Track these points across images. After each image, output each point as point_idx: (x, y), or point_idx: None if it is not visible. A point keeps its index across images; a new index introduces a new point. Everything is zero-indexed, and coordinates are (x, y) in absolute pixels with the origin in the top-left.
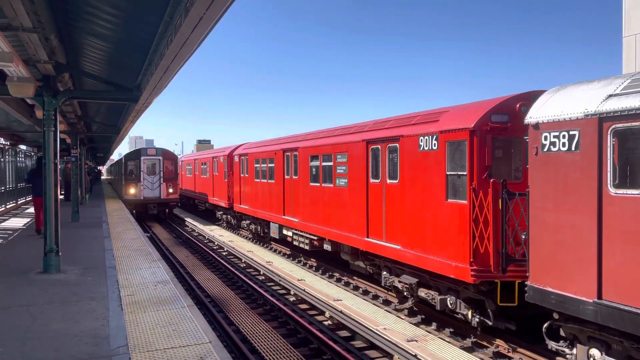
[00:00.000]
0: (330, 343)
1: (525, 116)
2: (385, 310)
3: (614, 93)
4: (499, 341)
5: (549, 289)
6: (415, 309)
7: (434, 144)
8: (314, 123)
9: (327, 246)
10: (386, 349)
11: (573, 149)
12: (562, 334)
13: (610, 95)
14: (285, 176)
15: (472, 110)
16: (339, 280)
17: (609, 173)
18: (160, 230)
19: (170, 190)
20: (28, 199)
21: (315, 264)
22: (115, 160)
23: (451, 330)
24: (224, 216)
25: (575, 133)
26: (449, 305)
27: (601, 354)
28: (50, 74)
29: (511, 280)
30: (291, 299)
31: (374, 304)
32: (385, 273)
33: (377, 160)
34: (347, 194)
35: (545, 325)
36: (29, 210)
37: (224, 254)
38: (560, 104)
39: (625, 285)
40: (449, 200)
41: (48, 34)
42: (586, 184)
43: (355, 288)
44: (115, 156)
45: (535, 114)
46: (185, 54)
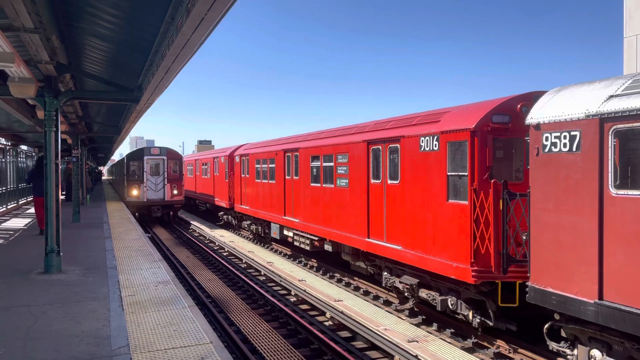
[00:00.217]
0: (331, 344)
1: (526, 117)
2: (386, 310)
3: (615, 94)
4: (499, 342)
5: (550, 290)
6: (416, 309)
7: (435, 144)
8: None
9: (328, 247)
10: (387, 349)
11: (574, 149)
12: (563, 334)
13: (611, 96)
14: (286, 176)
15: (473, 110)
16: (339, 280)
17: (610, 174)
18: (161, 231)
19: (175, 191)
20: (29, 199)
21: (316, 265)
22: (117, 160)
23: (452, 330)
24: (225, 216)
25: (577, 134)
26: (450, 306)
27: (602, 355)
28: (52, 74)
29: (512, 281)
30: (292, 300)
31: (375, 305)
32: (386, 274)
33: (378, 160)
34: (348, 194)
35: (546, 326)
36: (30, 210)
37: (225, 254)
38: (561, 105)
39: (626, 286)
40: (449, 200)
41: (49, 35)
42: (587, 185)
43: (356, 289)
44: (116, 156)
45: (537, 114)
46: (186, 54)
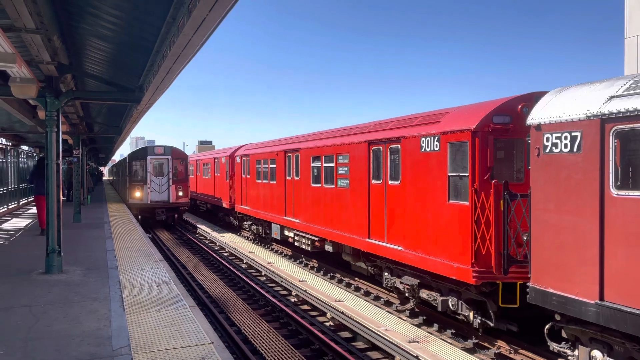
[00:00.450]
0: (332, 344)
1: (527, 117)
2: (387, 311)
3: (616, 94)
4: (500, 342)
5: (551, 290)
6: (416, 310)
7: (436, 145)
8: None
9: (329, 247)
10: (388, 350)
11: (575, 150)
12: (564, 335)
13: (612, 97)
14: (287, 177)
15: (474, 111)
16: (340, 281)
17: (610, 174)
18: (162, 231)
19: (180, 193)
20: (30, 199)
21: (316, 265)
22: (118, 160)
23: (453, 331)
24: (225, 217)
25: (577, 134)
26: (451, 307)
27: (603, 356)
28: (53, 74)
29: (513, 282)
30: (292, 300)
31: (376, 305)
32: (386, 274)
33: (379, 161)
34: (349, 194)
35: (547, 326)
36: (31, 210)
37: (226, 254)
38: (562, 105)
39: (627, 287)
40: (450, 201)
41: (51, 35)
42: (588, 185)
43: (357, 289)
44: (116, 157)
45: (537, 115)
46: (187, 55)
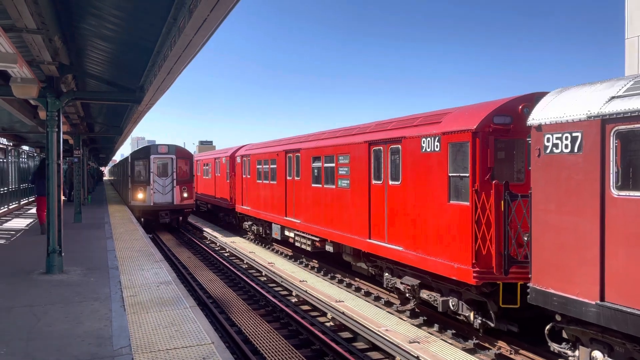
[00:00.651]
0: (332, 344)
1: (527, 118)
2: (387, 311)
3: (616, 95)
4: (501, 343)
5: (552, 291)
6: (417, 310)
7: (436, 145)
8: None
9: (329, 247)
10: (388, 350)
11: (576, 150)
12: (565, 336)
13: (613, 97)
14: (287, 177)
15: (475, 111)
16: (340, 281)
17: (611, 175)
18: (163, 232)
19: (185, 194)
20: (31, 199)
21: (317, 265)
22: (118, 160)
23: (453, 331)
24: (226, 217)
25: (578, 135)
26: (451, 307)
27: (603, 356)
28: (54, 75)
29: (513, 282)
30: (293, 300)
31: (376, 306)
32: (387, 274)
33: (379, 161)
34: (349, 195)
35: (547, 327)
36: (31, 210)
37: (226, 255)
38: (562, 106)
39: (628, 287)
40: (451, 201)
41: (52, 35)
42: (589, 186)
43: (357, 289)
44: (117, 157)
45: (538, 115)
46: (188, 55)
